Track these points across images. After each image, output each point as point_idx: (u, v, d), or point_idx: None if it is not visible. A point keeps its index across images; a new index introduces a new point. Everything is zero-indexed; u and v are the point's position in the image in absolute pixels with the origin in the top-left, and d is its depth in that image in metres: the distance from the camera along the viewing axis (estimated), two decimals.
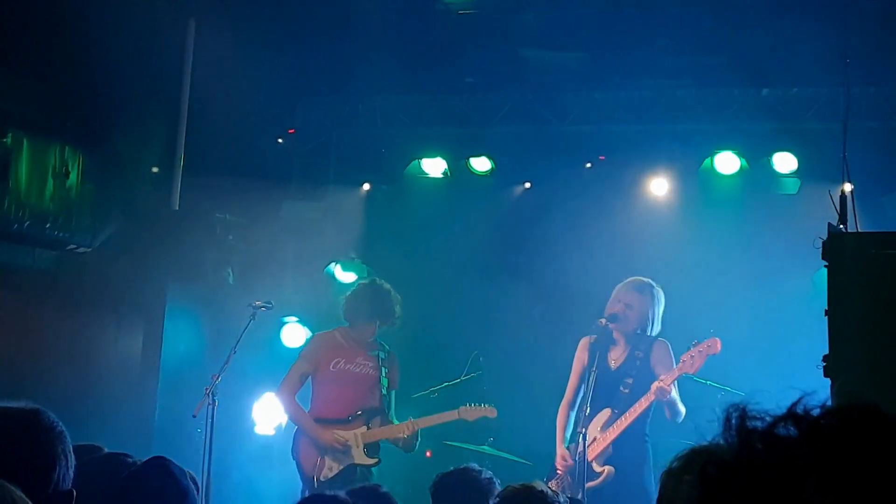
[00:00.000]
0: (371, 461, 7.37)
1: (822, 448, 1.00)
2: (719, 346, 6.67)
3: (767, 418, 1.05)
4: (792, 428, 1.03)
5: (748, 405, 1.06)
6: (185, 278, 9.33)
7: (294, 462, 7.50)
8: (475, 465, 4.82)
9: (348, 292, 7.71)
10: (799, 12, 8.35)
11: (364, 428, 7.38)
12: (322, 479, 7.26)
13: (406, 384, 8.11)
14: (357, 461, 7.33)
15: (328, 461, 7.33)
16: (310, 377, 7.56)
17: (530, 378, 9.24)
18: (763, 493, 0.99)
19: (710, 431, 1.10)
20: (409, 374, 8.37)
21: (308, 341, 7.73)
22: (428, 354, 9.54)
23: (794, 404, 1.05)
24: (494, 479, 4.67)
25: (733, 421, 1.05)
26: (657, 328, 7.13)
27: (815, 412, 1.04)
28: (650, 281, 7.20)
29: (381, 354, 7.58)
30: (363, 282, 7.68)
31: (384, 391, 7.48)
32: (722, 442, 1.05)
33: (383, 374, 7.49)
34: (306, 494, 7.08)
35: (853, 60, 6.59)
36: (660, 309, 7.15)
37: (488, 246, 10.08)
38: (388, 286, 7.71)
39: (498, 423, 8.92)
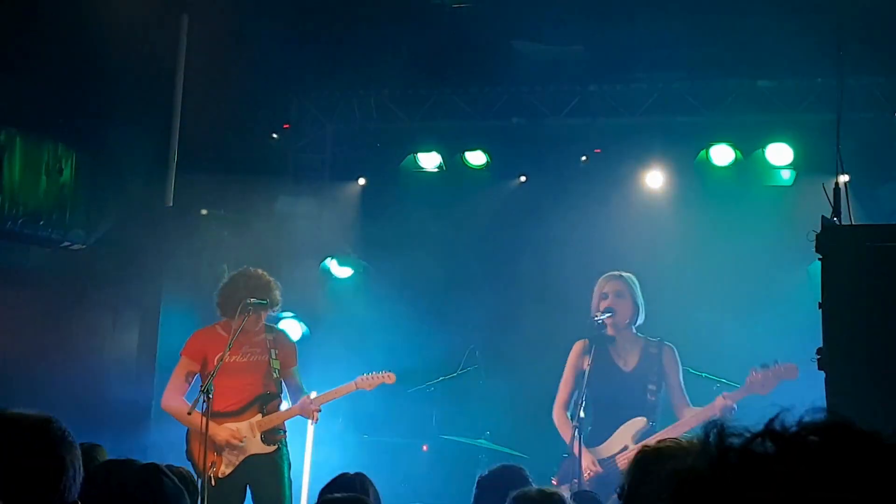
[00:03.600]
0: (269, 449, 7.07)
1: (798, 465, 0.99)
2: (796, 373, 6.52)
3: (746, 435, 1.04)
4: (769, 444, 1.03)
5: (727, 422, 1.06)
6: (180, 275, 9.32)
7: (189, 462, 7.07)
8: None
9: (221, 283, 7.30)
10: (793, 3, 8.35)
11: (259, 416, 7.13)
12: (220, 476, 6.99)
13: (402, 379, 8.08)
14: (254, 451, 7.06)
15: (225, 457, 7.05)
16: (197, 375, 7.26)
17: (526, 372, 9.24)
18: None
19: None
20: (406, 369, 8.36)
21: (187, 339, 7.34)
22: (424, 349, 9.54)
23: (772, 420, 1.04)
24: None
25: (711, 438, 1.05)
26: (643, 314, 7.14)
27: (793, 429, 1.04)
28: (617, 272, 7.21)
29: (269, 336, 7.29)
30: (233, 272, 7.40)
31: (276, 374, 7.19)
32: (701, 458, 1.04)
33: (273, 357, 7.20)
34: (205, 492, 6.80)
35: (847, 51, 6.57)
36: (640, 293, 7.15)
37: (484, 239, 10.08)
38: (261, 271, 7.35)
39: (495, 416, 8.92)
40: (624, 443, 6.78)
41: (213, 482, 6.94)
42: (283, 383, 7.33)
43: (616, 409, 6.83)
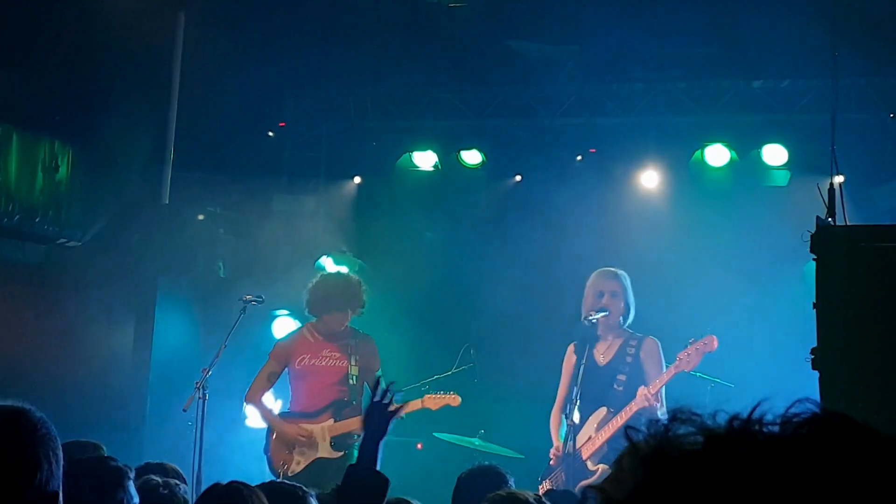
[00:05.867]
0: (337, 454, 7.20)
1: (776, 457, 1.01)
2: (716, 343, 6.66)
3: (696, 420, 1.07)
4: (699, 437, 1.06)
5: (680, 409, 1.09)
6: (175, 272, 9.32)
7: (266, 459, 7.43)
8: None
9: (311, 284, 7.56)
10: (788, 4, 8.37)
11: (331, 421, 7.29)
12: (289, 474, 7.13)
13: (397, 377, 8.06)
14: (322, 455, 7.21)
15: (295, 456, 7.25)
16: (280, 376, 7.57)
17: (521, 370, 9.25)
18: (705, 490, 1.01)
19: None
20: (401, 367, 8.37)
21: (275, 342, 7.72)
22: (419, 347, 9.54)
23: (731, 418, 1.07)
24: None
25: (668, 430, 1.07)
26: (633, 313, 7.17)
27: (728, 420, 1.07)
28: (612, 268, 7.23)
29: (352, 342, 7.45)
30: (325, 273, 7.63)
31: (353, 381, 7.35)
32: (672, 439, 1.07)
33: (352, 364, 7.36)
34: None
35: (841, 52, 6.60)
36: (631, 292, 7.18)
37: (479, 239, 10.09)
38: (354, 276, 7.67)
39: (489, 415, 8.93)
40: (588, 434, 6.87)
41: (281, 478, 7.01)
42: (367, 387, 7.39)
43: (590, 403, 6.92)
